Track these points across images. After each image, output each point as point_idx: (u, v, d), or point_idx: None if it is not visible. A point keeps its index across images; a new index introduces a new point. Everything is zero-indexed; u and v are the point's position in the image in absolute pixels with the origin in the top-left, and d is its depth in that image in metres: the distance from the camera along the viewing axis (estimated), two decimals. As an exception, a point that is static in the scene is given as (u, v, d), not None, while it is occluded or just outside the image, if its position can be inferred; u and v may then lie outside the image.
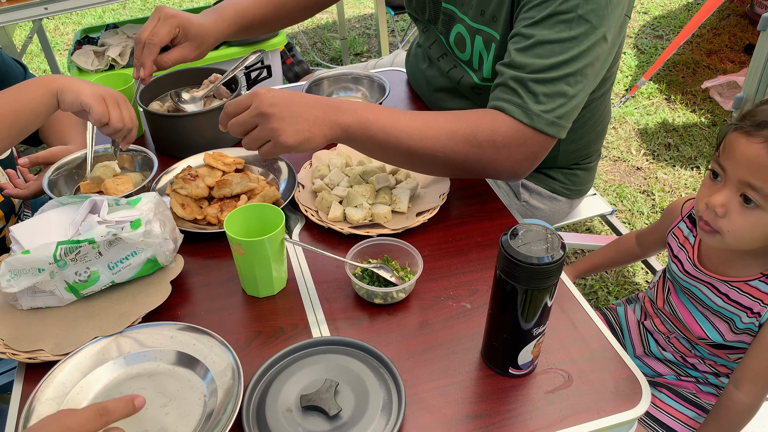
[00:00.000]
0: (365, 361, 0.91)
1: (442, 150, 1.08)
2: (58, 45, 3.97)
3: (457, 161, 1.10)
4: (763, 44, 2.03)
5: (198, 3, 4.44)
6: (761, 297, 1.00)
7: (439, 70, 1.42)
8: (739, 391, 1.03)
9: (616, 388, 0.90)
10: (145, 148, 1.30)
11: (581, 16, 1.06)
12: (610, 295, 2.18)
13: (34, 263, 0.94)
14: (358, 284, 1.01)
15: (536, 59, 1.08)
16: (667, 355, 1.19)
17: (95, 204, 1.03)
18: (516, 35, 1.12)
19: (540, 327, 0.86)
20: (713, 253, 1.07)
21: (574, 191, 1.55)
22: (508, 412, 0.87)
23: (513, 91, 1.08)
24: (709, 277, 1.06)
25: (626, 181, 2.66)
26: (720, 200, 0.93)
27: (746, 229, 0.93)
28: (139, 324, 0.98)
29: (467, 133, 1.08)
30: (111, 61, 2.63)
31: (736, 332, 1.04)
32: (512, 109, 1.08)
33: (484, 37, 1.24)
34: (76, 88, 1.08)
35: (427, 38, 1.45)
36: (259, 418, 0.84)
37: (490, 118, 1.09)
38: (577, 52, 1.07)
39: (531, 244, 0.79)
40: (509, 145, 1.09)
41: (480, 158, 1.10)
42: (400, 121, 1.07)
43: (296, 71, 3.13)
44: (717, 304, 1.05)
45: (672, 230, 1.15)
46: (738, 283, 1.02)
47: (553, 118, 1.08)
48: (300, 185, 1.25)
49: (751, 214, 0.92)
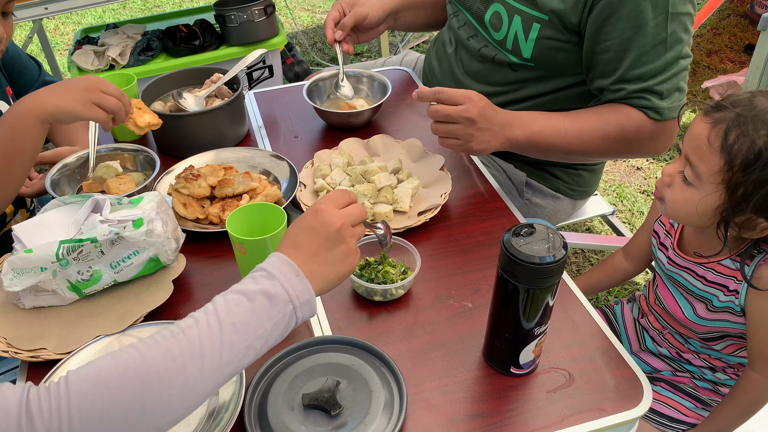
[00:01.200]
0: (367, 360, 0.91)
1: (597, 150, 1.27)
2: (58, 45, 3.97)
3: (609, 156, 1.34)
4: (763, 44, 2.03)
5: (198, 2, 4.44)
6: (733, 274, 1.01)
7: (469, 51, 1.44)
8: (754, 371, 1.04)
9: (617, 388, 0.90)
10: (147, 148, 1.30)
11: (671, 12, 1.17)
12: (610, 295, 2.18)
13: (37, 262, 0.94)
14: (357, 282, 1.01)
15: (648, 66, 1.20)
16: (663, 351, 1.20)
17: (97, 203, 1.04)
18: (613, 49, 1.21)
19: (541, 326, 0.86)
20: (690, 238, 1.09)
21: (578, 192, 1.57)
22: (509, 412, 0.88)
23: (641, 99, 1.22)
24: (687, 261, 1.07)
25: (626, 181, 2.66)
26: (669, 170, 0.98)
27: (681, 202, 0.96)
28: (141, 323, 0.98)
29: (618, 135, 1.24)
30: (111, 61, 2.63)
31: (713, 310, 1.05)
32: (647, 112, 1.22)
33: (523, 18, 1.28)
34: (64, 107, 1.04)
35: (458, 20, 1.48)
36: (261, 417, 0.85)
37: (635, 118, 1.23)
38: (681, 43, 1.20)
39: (533, 244, 0.79)
40: (652, 137, 1.25)
41: (630, 151, 1.30)
42: (560, 130, 1.23)
43: (296, 71, 3.13)
44: (697, 288, 1.06)
45: (659, 218, 1.16)
46: (712, 264, 1.04)
47: (679, 103, 1.23)
48: (302, 184, 1.25)
49: (686, 189, 0.95)
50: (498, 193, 1.27)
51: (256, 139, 1.46)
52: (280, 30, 2.78)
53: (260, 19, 2.61)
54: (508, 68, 1.37)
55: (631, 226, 2.44)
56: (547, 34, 1.27)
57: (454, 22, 1.50)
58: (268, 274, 0.72)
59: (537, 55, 1.30)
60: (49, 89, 1.06)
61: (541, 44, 1.28)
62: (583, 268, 2.27)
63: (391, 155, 1.33)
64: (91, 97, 1.06)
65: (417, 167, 1.30)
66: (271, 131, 1.48)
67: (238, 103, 1.41)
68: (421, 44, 3.69)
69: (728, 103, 0.90)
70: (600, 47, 1.22)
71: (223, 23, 2.65)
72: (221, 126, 1.38)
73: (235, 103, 1.39)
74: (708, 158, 0.90)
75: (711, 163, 0.90)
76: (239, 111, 1.43)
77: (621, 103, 1.24)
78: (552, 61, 1.30)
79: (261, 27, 2.65)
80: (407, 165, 1.31)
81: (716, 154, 0.89)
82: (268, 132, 1.48)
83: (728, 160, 0.88)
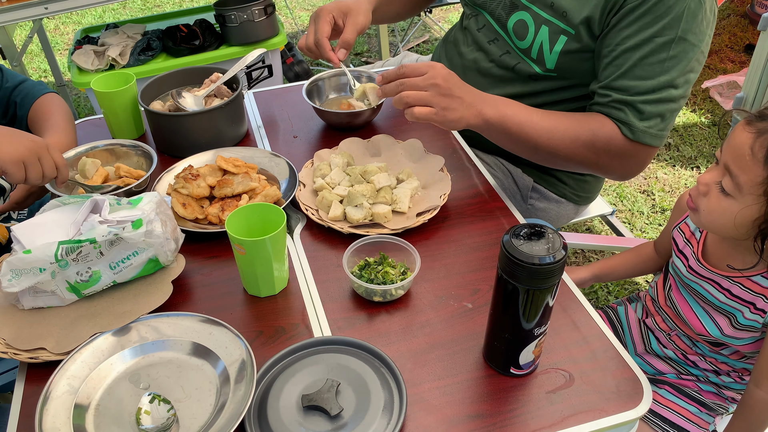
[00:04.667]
0: (367, 360, 0.91)
1: (564, 151, 1.22)
2: (58, 45, 3.96)
3: (575, 161, 1.25)
4: (763, 44, 2.03)
5: (198, 2, 4.44)
6: (763, 292, 1.00)
7: (488, 55, 1.42)
8: (759, 389, 1.03)
9: (618, 388, 0.90)
10: (143, 143, 1.32)
11: (680, 36, 1.14)
12: (610, 295, 2.18)
13: (36, 263, 0.94)
14: (357, 282, 1.01)
15: (638, 81, 1.17)
16: (668, 353, 1.19)
17: (96, 204, 1.03)
18: (612, 55, 1.20)
19: (541, 327, 0.86)
20: (716, 249, 1.07)
21: (582, 198, 1.58)
22: (509, 412, 0.88)
23: (619, 111, 1.20)
24: (712, 273, 1.06)
25: (626, 182, 2.66)
26: (705, 179, 0.96)
27: (717, 212, 0.95)
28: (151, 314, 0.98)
29: (587, 139, 1.21)
30: (111, 61, 2.63)
31: (738, 327, 1.04)
32: (621, 126, 1.20)
33: (551, 29, 1.27)
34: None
35: (476, 22, 1.46)
36: (261, 417, 0.84)
37: (607, 128, 1.21)
38: (678, 71, 1.16)
39: (532, 244, 0.79)
40: (621, 155, 1.22)
41: (596, 162, 1.24)
42: (533, 120, 1.20)
43: (296, 71, 3.13)
44: (719, 300, 1.05)
45: (678, 225, 1.15)
46: (740, 279, 1.02)
47: (657, 132, 1.19)
48: (301, 184, 1.25)
49: (724, 200, 0.94)
50: (498, 193, 1.26)
51: (255, 138, 1.46)
52: (280, 30, 2.78)
53: (260, 19, 2.61)
54: (528, 78, 1.36)
55: (631, 226, 2.44)
56: (572, 47, 1.26)
57: (471, 24, 1.47)
58: None
59: (561, 66, 1.29)
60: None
61: (565, 57, 1.28)
62: (583, 268, 2.27)
63: (392, 155, 1.33)
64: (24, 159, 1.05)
65: (417, 168, 1.29)
66: (270, 131, 1.48)
67: (238, 102, 1.41)
68: (421, 44, 3.68)
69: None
70: (604, 50, 1.22)
71: (223, 23, 2.65)
72: (220, 126, 1.38)
73: (234, 103, 1.39)
74: (750, 169, 0.88)
75: (753, 174, 0.88)
76: (238, 111, 1.43)
77: (600, 112, 1.22)
78: (575, 71, 1.30)
79: (261, 27, 2.65)
80: (407, 165, 1.31)
81: (759, 165, 0.87)
82: (268, 132, 1.48)
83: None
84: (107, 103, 1.39)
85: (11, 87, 1.38)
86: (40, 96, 1.39)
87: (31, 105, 1.37)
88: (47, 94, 1.40)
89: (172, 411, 0.86)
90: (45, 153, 1.09)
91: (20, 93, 1.38)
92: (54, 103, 1.38)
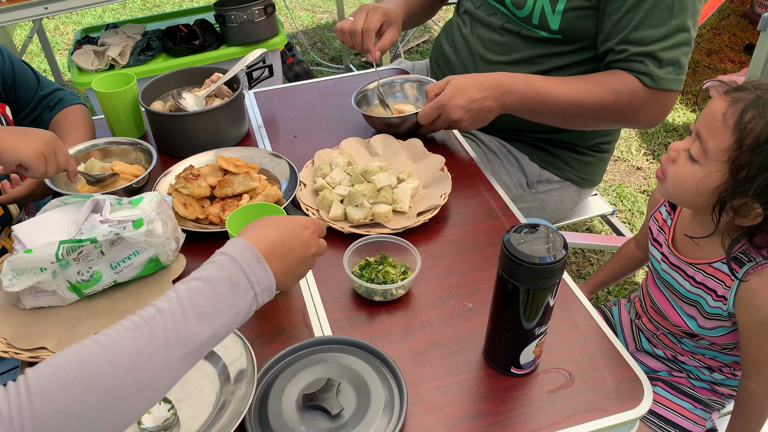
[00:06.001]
0: (367, 360, 0.91)
1: (590, 116, 1.33)
2: (58, 45, 3.96)
3: (604, 121, 1.35)
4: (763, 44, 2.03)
5: (198, 2, 4.44)
6: (723, 279, 1.01)
7: (491, 27, 1.46)
8: (750, 381, 1.04)
9: (618, 388, 0.90)
10: (143, 141, 1.32)
11: None
12: (610, 294, 2.18)
13: (37, 262, 0.94)
14: (357, 282, 1.01)
15: (652, 30, 1.23)
16: (658, 352, 1.20)
17: (97, 203, 1.04)
18: (621, 11, 1.25)
19: (542, 326, 0.86)
20: (681, 232, 1.09)
21: (586, 180, 1.60)
22: (509, 412, 0.88)
23: (639, 62, 1.26)
24: (680, 261, 1.07)
25: (626, 181, 2.66)
26: (676, 146, 0.98)
27: (682, 178, 0.96)
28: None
29: (611, 99, 1.29)
30: (111, 61, 2.63)
31: (706, 317, 1.05)
32: (641, 78, 1.26)
33: None
34: (13, 148, 1.06)
35: (472, 3, 1.52)
36: (261, 417, 0.84)
37: (629, 83, 1.27)
38: (686, 13, 1.23)
39: (533, 244, 0.79)
40: (645, 105, 1.29)
41: (622, 117, 1.33)
42: (555, 94, 1.29)
43: (296, 71, 3.13)
44: (685, 288, 1.06)
45: (653, 214, 1.16)
46: (702, 266, 1.03)
47: (675, 77, 1.27)
48: (302, 184, 1.25)
49: (690, 166, 0.95)
50: (498, 193, 1.26)
51: (256, 138, 1.46)
52: (280, 30, 2.78)
53: (260, 18, 2.61)
54: (534, 41, 1.39)
55: (631, 226, 2.44)
56: (575, 5, 1.30)
57: (468, 5, 1.52)
58: (231, 260, 0.72)
59: (565, 26, 1.33)
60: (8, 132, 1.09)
61: (568, 15, 1.31)
62: (583, 268, 2.27)
63: (392, 155, 1.33)
64: (44, 151, 1.09)
65: (417, 167, 1.29)
66: (270, 131, 1.48)
67: (238, 102, 1.41)
68: (421, 44, 3.68)
69: (751, 86, 0.91)
70: (611, 8, 1.26)
71: (223, 23, 2.65)
72: (221, 126, 1.38)
73: (234, 103, 1.39)
74: (720, 134, 0.90)
75: (721, 139, 0.90)
76: (239, 111, 1.43)
77: (619, 68, 1.28)
78: (579, 31, 1.33)
79: (261, 27, 2.65)
80: (408, 165, 1.31)
81: (729, 131, 0.89)
82: (268, 132, 1.48)
83: (739, 139, 0.88)
84: (108, 103, 1.39)
85: (44, 95, 1.40)
86: (69, 105, 1.41)
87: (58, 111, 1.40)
88: (75, 105, 1.42)
89: (172, 410, 0.86)
90: (59, 145, 1.12)
91: (54, 99, 1.41)
92: (77, 114, 1.40)
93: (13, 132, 1.09)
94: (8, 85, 1.34)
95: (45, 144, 1.09)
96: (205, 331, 0.66)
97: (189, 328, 0.65)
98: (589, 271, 2.26)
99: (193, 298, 0.67)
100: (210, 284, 0.69)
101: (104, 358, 0.60)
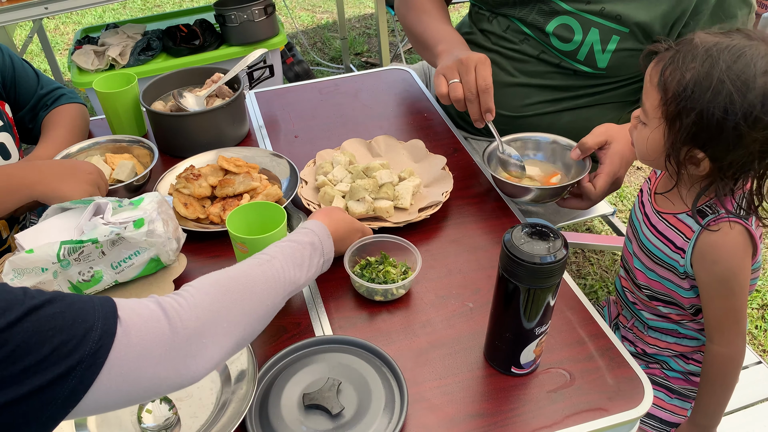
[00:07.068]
0: (368, 359, 0.91)
1: None
2: (59, 45, 3.96)
3: None
4: (763, 44, 2.03)
5: (198, 2, 4.44)
6: (684, 230, 1.01)
7: (524, 53, 1.40)
8: (712, 343, 1.05)
9: (618, 388, 0.90)
10: (144, 138, 1.32)
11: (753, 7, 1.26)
12: (610, 294, 2.18)
13: (38, 262, 0.94)
14: (358, 282, 1.01)
15: None
16: (630, 350, 1.21)
17: (99, 207, 1.04)
18: None
19: (542, 326, 0.86)
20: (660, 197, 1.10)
21: None
22: (510, 411, 0.88)
23: None
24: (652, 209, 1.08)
25: (626, 181, 2.66)
26: (634, 113, 1.02)
27: (638, 141, 1.00)
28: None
29: None
30: (111, 61, 2.63)
31: (658, 263, 1.06)
32: None
33: (602, 30, 1.28)
34: (62, 194, 1.08)
35: (498, 24, 1.43)
36: (262, 417, 0.85)
37: None
38: None
39: (534, 244, 0.79)
40: None
41: None
42: None
43: (296, 71, 3.13)
44: (647, 238, 1.07)
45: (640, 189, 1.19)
46: (667, 215, 1.04)
47: None
48: (303, 181, 1.25)
49: (642, 129, 0.99)
50: (499, 193, 1.26)
51: (256, 138, 1.46)
52: (280, 30, 2.78)
53: (260, 18, 2.61)
54: (573, 74, 1.37)
55: (631, 226, 2.44)
56: (627, 45, 1.28)
57: (495, 27, 1.43)
58: (312, 232, 0.95)
59: (613, 65, 1.31)
60: (55, 175, 1.11)
61: (619, 55, 1.29)
62: (583, 268, 2.27)
63: (394, 156, 1.33)
64: (93, 179, 1.14)
65: (419, 167, 1.30)
66: (271, 131, 1.48)
67: (239, 102, 1.41)
68: (421, 44, 3.68)
69: (672, 44, 0.94)
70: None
71: (223, 23, 2.65)
72: (222, 126, 1.38)
73: (235, 103, 1.39)
74: (650, 94, 0.94)
75: (652, 99, 0.94)
76: (240, 111, 1.43)
77: None
78: (626, 69, 1.32)
79: (261, 27, 2.65)
80: (409, 165, 1.31)
81: (655, 89, 0.93)
82: (269, 132, 1.48)
83: (663, 94, 0.91)
84: (109, 103, 1.39)
85: (44, 93, 1.39)
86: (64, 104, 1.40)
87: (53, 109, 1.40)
88: (70, 103, 1.41)
89: (173, 410, 0.86)
90: (102, 179, 1.17)
91: (53, 97, 1.40)
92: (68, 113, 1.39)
93: (60, 174, 1.11)
94: (8, 83, 1.34)
95: (92, 185, 1.13)
96: (300, 278, 0.88)
97: (293, 273, 0.87)
98: (589, 271, 2.26)
99: (294, 252, 0.89)
100: (301, 246, 0.91)
101: (245, 278, 0.81)
